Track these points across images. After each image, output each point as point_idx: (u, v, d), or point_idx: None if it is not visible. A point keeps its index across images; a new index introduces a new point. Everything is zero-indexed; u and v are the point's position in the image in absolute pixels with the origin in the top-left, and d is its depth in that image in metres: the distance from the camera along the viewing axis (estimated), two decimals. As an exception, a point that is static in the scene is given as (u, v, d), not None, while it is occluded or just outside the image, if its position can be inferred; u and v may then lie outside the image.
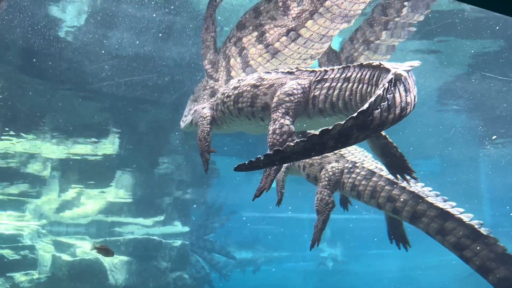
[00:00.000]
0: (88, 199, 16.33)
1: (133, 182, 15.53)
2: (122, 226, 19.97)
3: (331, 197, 4.60)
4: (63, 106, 10.19)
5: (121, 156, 13.33)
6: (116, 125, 11.45)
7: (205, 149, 4.18)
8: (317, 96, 3.30)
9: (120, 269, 14.91)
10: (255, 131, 4.14)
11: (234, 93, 3.95)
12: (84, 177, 14.48)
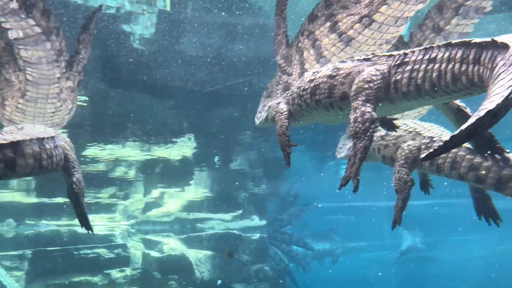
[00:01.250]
0: (170, 198, 17.14)
1: (210, 180, 16.08)
2: (203, 222, 20.73)
3: (410, 175, 4.50)
4: (141, 112, 10.81)
5: (197, 156, 13.86)
6: (191, 126, 11.92)
7: (286, 143, 4.25)
8: (399, 80, 3.25)
9: (204, 263, 15.54)
10: (334, 121, 4.16)
11: (310, 85, 3.97)
12: (165, 178, 15.21)
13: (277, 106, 4.63)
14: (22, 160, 3.68)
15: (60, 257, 14.08)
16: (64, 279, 13.63)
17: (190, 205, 18.39)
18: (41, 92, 5.36)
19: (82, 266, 14.12)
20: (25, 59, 5.08)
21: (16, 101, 5.36)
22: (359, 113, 3.29)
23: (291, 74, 4.84)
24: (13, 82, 5.34)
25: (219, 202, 18.39)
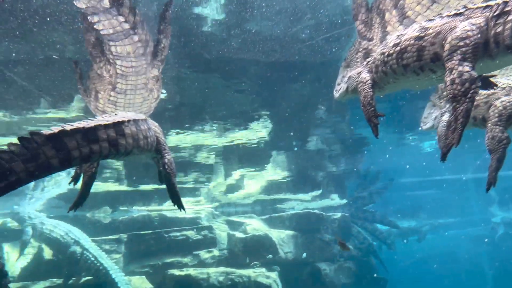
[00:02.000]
0: (250, 180, 17.44)
1: (287, 161, 16.09)
2: (283, 203, 20.93)
3: (505, 133, 4.13)
4: (217, 98, 11.02)
5: (273, 137, 13.90)
6: (265, 108, 11.93)
7: (372, 114, 4.07)
8: (501, 32, 2.94)
9: (287, 243, 15.70)
10: (424, 86, 3.90)
11: (396, 50, 3.74)
12: (244, 161, 15.48)
13: (359, 76, 4.44)
14: (123, 139, 3.89)
15: (152, 240, 15.00)
16: (158, 260, 14.52)
17: (270, 187, 18.59)
18: (130, 83, 5.63)
19: (173, 247, 14.93)
20: (115, 54, 5.35)
21: (108, 93, 5.68)
22: (456, 74, 3.03)
23: (371, 39, 4.60)
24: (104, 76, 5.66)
25: (298, 183, 18.38)
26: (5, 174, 3.08)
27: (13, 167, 3.10)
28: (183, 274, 13.04)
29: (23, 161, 3.15)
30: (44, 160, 3.25)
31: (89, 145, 3.56)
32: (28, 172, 3.17)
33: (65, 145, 3.39)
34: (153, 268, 14.29)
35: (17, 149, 3.17)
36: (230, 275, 13.37)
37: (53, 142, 3.32)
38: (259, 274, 13.84)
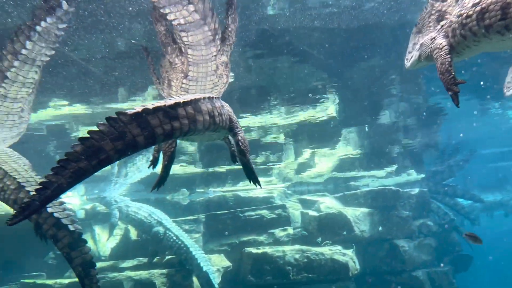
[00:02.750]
0: (321, 158, 17.31)
1: (359, 137, 15.72)
2: (357, 180, 20.56)
3: None
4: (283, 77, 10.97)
5: (343, 114, 13.61)
6: (333, 85, 11.69)
7: (451, 82, 3.81)
8: None
9: (363, 220, 15.46)
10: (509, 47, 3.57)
11: (476, 10, 3.45)
12: (313, 139, 15.36)
13: (433, 42, 4.16)
14: (201, 116, 4.02)
15: (228, 220, 15.48)
16: (235, 238, 15.00)
17: (342, 164, 18.32)
18: (201, 71, 5.76)
19: (248, 226, 15.31)
20: (186, 43, 5.49)
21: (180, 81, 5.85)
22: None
23: (445, 0, 4.27)
24: (176, 65, 5.84)
25: (372, 159, 17.90)
26: (96, 152, 3.28)
27: (103, 145, 3.30)
28: (259, 252, 13.36)
29: (111, 139, 3.34)
30: (130, 138, 3.43)
31: (170, 122, 3.70)
32: (116, 150, 3.36)
33: (148, 123, 3.55)
34: (230, 246, 14.80)
35: (105, 129, 3.36)
36: (306, 253, 13.46)
37: (137, 120, 3.48)
38: (335, 251, 13.79)
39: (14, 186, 5.69)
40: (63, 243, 5.42)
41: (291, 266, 13.20)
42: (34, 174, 6.02)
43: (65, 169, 3.22)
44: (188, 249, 12.54)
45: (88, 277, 5.38)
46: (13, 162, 6.15)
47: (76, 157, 3.25)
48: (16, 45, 5.87)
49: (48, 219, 5.43)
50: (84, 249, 5.49)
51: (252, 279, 13.08)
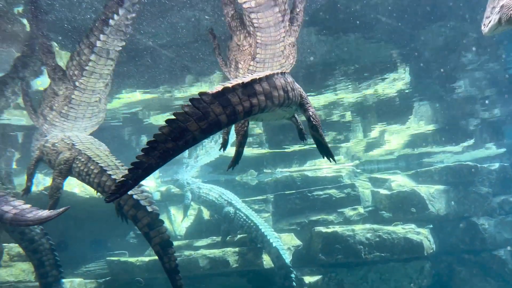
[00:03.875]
0: (391, 135, 16.74)
1: (432, 111, 14.95)
2: (431, 156, 19.67)
3: None
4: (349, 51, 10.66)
5: (414, 87, 13.01)
6: (402, 58, 11.18)
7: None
8: None
9: (438, 198, 14.81)
10: None
11: None
12: (382, 116, 14.87)
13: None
14: (276, 91, 4.04)
15: (297, 199, 15.55)
16: (304, 218, 15.06)
17: (414, 140, 17.57)
18: (268, 52, 5.76)
19: (317, 206, 15.29)
20: (256, 25, 5.50)
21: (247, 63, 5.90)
22: None
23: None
24: (244, 47, 5.88)
25: (446, 134, 16.98)
26: (182, 133, 3.40)
27: (188, 126, 3.40)
28: (329, 231, 13.31)
29: (195, 120, 3.43)
30: (214, 117, 3.51)
31: (249, 99, 3.74)
32: (201, 129, 3.44)
33: (229, 101, 3.61)
34: (300, 225, 14.89)
35: (190, 110, 3.47)
36: (378, 231, 13.20)
37: (219, 99, 3.56)
38: (409, 230, 13.39)
39: (97, 170, 6.10)
40: (142, 223, 5.75)
41: (362, 245, 13.03)
42: (114, 159, 6.41)
43: (154, 150, 3.36)
44: (258, 228, 12.81)
45: (166, 255, 5.68)
46: (95, 148, 6.59)
47: (164, 138, 3.38)
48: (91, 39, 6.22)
49: (128, 200, 5.78)
50: (162, 229, 5.78)
51: (323, 258, 13.10)
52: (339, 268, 13.18)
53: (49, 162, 6.91)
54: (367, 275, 13.30)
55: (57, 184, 6.51)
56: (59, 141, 6.80)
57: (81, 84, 6.69)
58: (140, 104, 12.47)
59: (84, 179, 6.34)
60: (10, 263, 10.22)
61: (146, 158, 3.37)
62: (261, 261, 12.54)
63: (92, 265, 13.66)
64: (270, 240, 12.34)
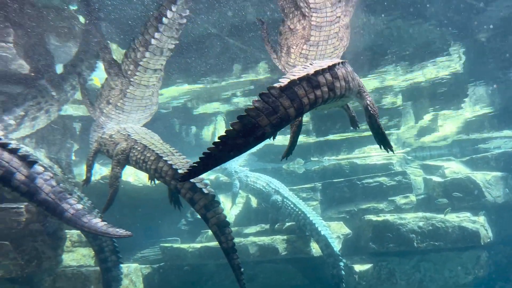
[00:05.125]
0: (444, 121, 16.12)
1: (488, 94, 14.23)
2: (487, 142, 18.78)
3: None
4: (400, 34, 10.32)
5: (469, 70, 12.42)
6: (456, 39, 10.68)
7: None
8: None
9: (495, 185, 14.16)
10: None
11: None
12: (435, 100, 14.33)
13: None
14: (338, 82, 4.00)
15: (345, 187, 15.37)
16: (353, 206, 14.87)
17: (469, 126, 16.81)
18: (323, 34, 5.66)
19: (367, 194, 15.05)
20: (312, 5, 5.41)
21: (300, 47, 5.82)
22: None
23: None
24: (297, 30, 5.80)
25: (505, 118, 16.11)
26: (254, 129, 3.42)
27: (259, 121, 3.42)
28: (380, 220, 13.08)
29: (266, 115, 3.44)
30: (283, 112, 3.52)
31: (313, 91, 3.73)
32: (271, 124, 3.46)
33: (296, 94, 3.61)
34: (349, 214, 14.72)
35: (260, 105, 3.48)
36: (431, 220, 12.82)
37: (286, 92, 3.56)
38: (463, 219, 12.91)
39: (154, 157, 6.29)
40: (199, 205, 5.89)
41: (414, 234, 12.71)
42: (168, 146, 6.60)
43: (225, 144, 3.42)
44: (306, 216, 12.78)
45: (223, 235, 5.81)
46: (149, 137, 6.82)
47: (234, 134, 3.41)
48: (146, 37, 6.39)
49: (185, 184, 5.93)
50: (218, 210, 5.91)
51: (374, 246, 12.91)
52: (390, 257, 12.95)
53: (107, 152, 7.21)
54: (420, 264, 13.00)
55: (115, 173, 6.80)
56: (115, 133, 7.08)
57: (135, 79, 6.90)
58: (189, 94, 12.73)
59: (142, 167, 6.55)
60: (71, 249, 10.81)
61: (216, 150, 3.42)
62: (309, 249, 12.55)
63: (147, 251, 14.21)
64: (318, 228, 12.30)
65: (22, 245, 7.34)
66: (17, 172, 5.02)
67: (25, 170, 5.08)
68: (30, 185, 5.06)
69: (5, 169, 4.95)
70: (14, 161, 5.03)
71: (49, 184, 5.20)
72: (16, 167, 5.03)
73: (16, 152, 5.09)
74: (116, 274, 9.07)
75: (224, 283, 13.18)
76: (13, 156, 5.04)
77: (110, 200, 6.95)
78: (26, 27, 7.72)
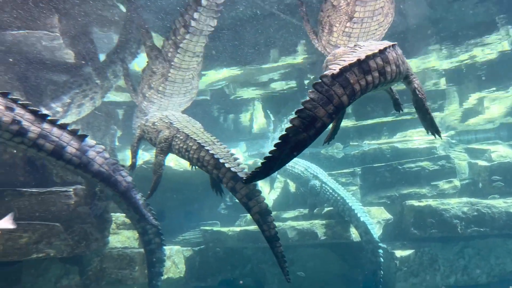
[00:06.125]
0: (491, 102, 15.44)
1: (541, 73, 13.49)
2: (536, 124, 17.90)
3: None
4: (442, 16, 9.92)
5: (518, 49, 11.81)
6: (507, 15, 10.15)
7: None
8: None
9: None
10: None
11: None
12: (481, 82, 13.74)
13: None
14: (389, 66, 3.89)
15: (386, 172, 15.07)
16: (394, 191, 14.58)
17: (518, 107, 16.06)
18: (368, 10, 5.45)
19: (409, 179, 14.70)
20: None
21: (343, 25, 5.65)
22: None
23: None
24: (340, 7, 5.61)
25: (558, 98, 15.28)
26: (312, 121, 3.37)
27: (316, 113, 3.37)
28: (422, 205, 12.76)
29: (322, 105, 3.39)
30: (337, 100, 3.45)
31: (364, 77, 3.62)
32: (328, 114, 3.40)
33: (348, 80, 3.52)
34: (390, 199, 14.45)
35: (315, 96, 3.43)
36: (476, 205, 12.39)
37: (338, 80, 3.48)
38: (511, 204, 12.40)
39: (196, 147, 6.38)
40: (241, 194, 5.92)
41: (458, 220, 12.33)
42: (209, 135, 6.66)
43: (287, 143, 3.39)
44: (345, 201, 12.66)
45: (265, 223, 5.82)
46: (191, 126, 6.90)
47: (295, 130, 3.38)
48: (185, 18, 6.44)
49: (227, 173, 5.99)
50: (260, 199, 5.92)
51: (415, 232, 12.63)
52: (433, 243, 12.64)
53: (150, 140, 7.37)
54: (464, 250, 12.63)
55: (159, 161, 6.94)
56: (158, 120, 7.20)
57: (176, 62, 6.98)
58: (227, 79, 12.80)
59: (184, 156, 6.65)
60: (117, 231, 11.22)
61: (278, 153, 3.40)
62: (349, 234, 12.45)
63: (188, 234, 14.54)
64: (357, 214, 12.17)
65: (71, 227, 7.68)
66: (68, 146, 5.22)
67: (76, 144, 5.29)
68: (82, 157, 5.27)
69: (55, 144, 5.15)
70: (64, 136, 5.23)
71: (102, 156, 5.40)
72: (67, 141, 5.23)
73: (66, 128, 5.29)
74: (159, 255, 9.36)
75: (262, 266, 13.35)
76: (62, 131, 5.24)
77: (154, 186, 7.08)
78: (72, 16, 7.97)
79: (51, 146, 5.15)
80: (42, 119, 5.15)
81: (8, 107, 4.93)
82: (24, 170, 7.57)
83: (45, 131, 5.12)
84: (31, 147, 5.13)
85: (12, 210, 6.49)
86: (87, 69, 8.72)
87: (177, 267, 12.41)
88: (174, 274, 12.21)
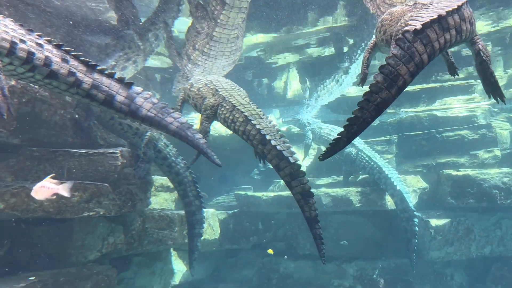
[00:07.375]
0: (540, 68, 14.74)
1: None
2: None
3: None
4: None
5: None
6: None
7: None
8: None
9: None
10: None
11: None
12: (529, 47, 13.08)
13: None
14: (464, 24, 3.72)
15: (423, 140, 14.79)
16: (431, 160, 14.34)
17: None
18: None
19: (447, 147, 14.40)
20: None
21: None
22: None
23: None
24: None
25: None
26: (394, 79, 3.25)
27: (398, 70, 3.26)
28: (460, 174, 12.53)
29: (404, 62, 3.28)
30: (418, 58, 3.32)
31: (443, 34, 3.48)
32: (410, 72, 3.28)
33: (428, 38, 3.37)
34: (426, 168, 14.24)
35: (398, 52, 3.29)
36: (517, 176, 12.10)
37: (420, 36, 3.34)
38: (556, 176, 12.04)
39: (242, 119, 6.27)
40: (285, 172, 5.86)
41: (498, 190, 12.08)
42: (255, 107, 6.48)
43: (369, 102, 3.32)
44: (381, 169, 12.55)
45: (307, 205, 5.75)
46: (237, 95, 6.75)
47: (379, 87, 3.29)
48: None
49: (272, 150, 5.93)
50: (303, 180, 5.82)
51: (452, 201, 12.48)
52: (469, 213, 12.49)
53: (195, 106, 7.33)
54: (501, 221, 12.45)
55: (205, 127, 6.91)
56: (203, 86, 7.11)
57: (222, 19, 6.83)
58: (262, 44, 12.60)
59: (230, 126, 6.57)
60: (155, 193, 11.54)
61: (361, 113, 3.35)
62: (384, 202, 12.41)
63: (222, 197, 14.81)
64: (393, 182, 12.06)
65: (118, 187, 7.92)
66: (117, 94, 5.32)
67: (124, 92, 5.37)
68: (130, 104, 5.36)
69: (106, 93, 5.26)
70: (113, 85, 5.33)
71: (149, 101, 5.48)
72: (116, 90, 5.33)
73: (113, 76, 5.37)
74: (199, 217, 9.61)
75: (294, 231, 13.52)
76: (111, 80, 5.33)
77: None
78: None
79: (102, 96, 5.25)
80: (92, 69, 5.23)
81: (64, 59, 5.00)
82: (72, 132, 7.79)
83: (96, 81, 5.20)
84: (84, 98, 5.24)
85: (64, 169, 6.73)
86: (129, 32, 8.74)
87: (212, 229, 12.73)
88: (210, 236, 12.55)
